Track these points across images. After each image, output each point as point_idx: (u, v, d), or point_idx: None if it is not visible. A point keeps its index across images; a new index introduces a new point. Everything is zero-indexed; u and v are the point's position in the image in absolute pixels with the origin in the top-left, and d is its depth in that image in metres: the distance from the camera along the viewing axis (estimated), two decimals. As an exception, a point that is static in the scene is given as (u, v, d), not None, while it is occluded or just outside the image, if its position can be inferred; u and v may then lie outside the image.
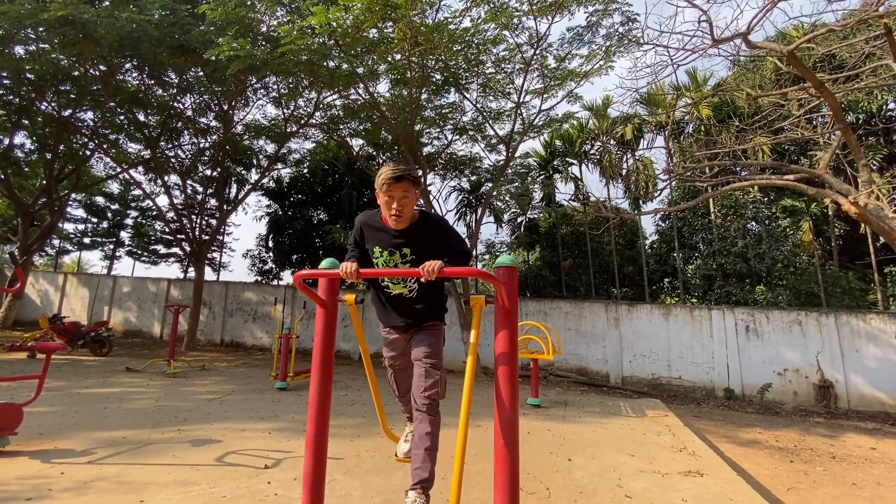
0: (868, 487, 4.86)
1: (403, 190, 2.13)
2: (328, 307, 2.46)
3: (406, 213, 2.18)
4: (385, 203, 2.19)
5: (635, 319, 11.75)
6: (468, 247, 2.39)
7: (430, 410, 2.18)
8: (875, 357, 9.91)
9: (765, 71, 13.34)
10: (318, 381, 2.41)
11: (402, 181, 2.12)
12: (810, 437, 7.08)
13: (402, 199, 2.14)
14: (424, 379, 2.23)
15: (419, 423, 2.19)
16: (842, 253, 15.28)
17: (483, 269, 2.10)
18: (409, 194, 2.14)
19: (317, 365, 2.43)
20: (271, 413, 5.65)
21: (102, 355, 10.17)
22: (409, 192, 2.14)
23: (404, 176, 2.11)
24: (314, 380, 2.42)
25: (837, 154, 10.05)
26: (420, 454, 2.12)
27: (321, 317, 2.46)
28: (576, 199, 16.53)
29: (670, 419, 6.70)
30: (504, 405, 2.08)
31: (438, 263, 1.94)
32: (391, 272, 2.16)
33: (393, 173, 2.11)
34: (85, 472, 3.34)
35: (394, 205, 2.15)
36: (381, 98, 11.60)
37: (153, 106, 12.76)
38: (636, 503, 3.21)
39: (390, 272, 2.16)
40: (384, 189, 2.14)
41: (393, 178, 2.11)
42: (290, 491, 3.15)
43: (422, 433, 2.16)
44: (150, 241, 19.21)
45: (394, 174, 2.11)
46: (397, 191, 2.13)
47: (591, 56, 10.73)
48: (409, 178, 2.13)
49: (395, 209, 2.15)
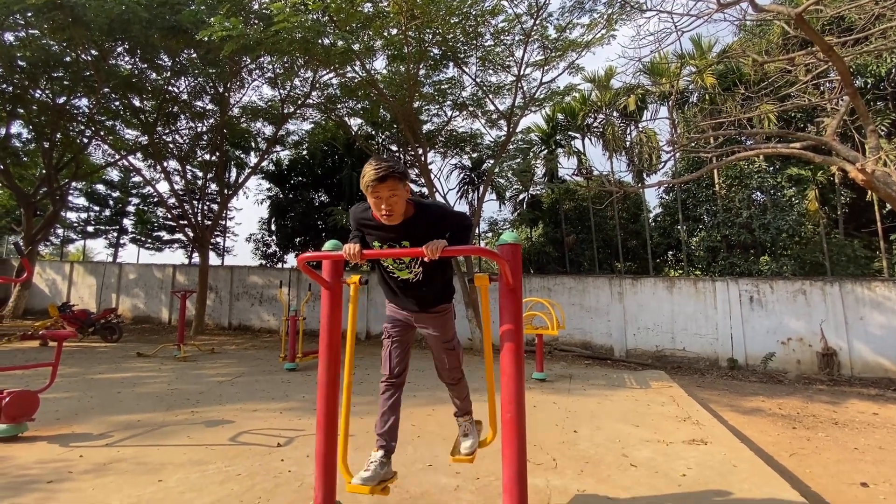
0: (870, 452, 4.94)
1: (390, 189, 2.01)
2: (333, 289, 2.48)
3: (397, 211, 2.08)
4: (374, 204, 2.10)
5: (639, 293, 11.78)
6: (470, 221, 2.34)
7: (457, 384, 2.60)
8: (879, 324, 9.93)
9: (771, 36, 12.95)
10: (326, 362, 2.44)
11: (387, 180, 1.99)
12: (813, 405, 7.17)
13: (390, 199, 2.03)
14: (445, 361, 2.49)
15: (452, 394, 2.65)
16: (847, 221, 15.14)
17: (486, 247, 2.09)
18: (396, 192, 2.03)
19: (324, 346, 2.46)
20: (282, 393, 5.76)
21: (113, 341, 10.33)
22: (396, 190, 2.03)
23: (388, 175, 1.98)
24: (322, 360, 2.46)
25: (845, 120, 9.86)
26: (459, 403, 2.64)
27: (326, 298, 2.48)
28: (579, 174, 16.36)
29: (674, 390, 6.79)
30: (510, 380, 2.11)
31: (442, 242, 1.93)
32: (395, 252, 2.12)
33: (376, 174, 1.98)
34: (103, 454, 3.44)
35: (382, 205, 2.05)
36: (378, 75, 11.38)
37: (148, 90, 12.59)
38: (641, 471, 3.28)
39: (394, 252, 2.13)
40: (369, 191, 2.04)
41: (376, 179, 1.98)
42: (303, 468, 3.23)
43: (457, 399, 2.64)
44: (153, 228, 19.23)
45: (377, 174, 1.98)
46: (383, 191, 2.02)
47: (592, 25, 10.45)
48: (394, 174, 2.00)
49: (385, 210, 2.06)
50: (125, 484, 2.92)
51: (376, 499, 2.76)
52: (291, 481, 3.00)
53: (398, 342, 2.44)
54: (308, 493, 2.82)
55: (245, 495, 2.79)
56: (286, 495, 2.80)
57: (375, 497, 2.75)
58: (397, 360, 2.40)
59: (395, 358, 2.40)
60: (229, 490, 2.85)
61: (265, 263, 18.15)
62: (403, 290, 2.37)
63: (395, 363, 2.40)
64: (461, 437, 2.60)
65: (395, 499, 2.77)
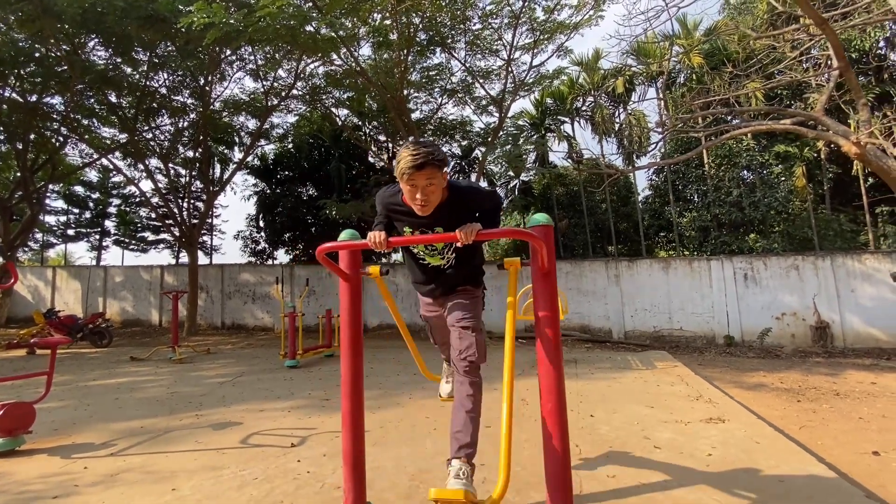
0: (874, 420, 5.00)
1: (428, 177, 1.83)
2: (352, 280, 2.35)
3: (434, 201, 1.91)
4: (408, 192, 1.91)
5: (636, 275, 11.83)
6: (500, 199, 2.23)
7: (470, 372, 2.05)
8: (870, 296, 10.13)
9: (758, 12, 12.96)
10: (349, 357, 2.32)
11: (426, 168, 1.81)
12: (812, 377, 7.27)
13: (426, 188, 1.85)
14: (460, 341, 2.10)
15: (459, 385, 2.08)
16: (833, 196, 15.39)
17: (521, 229, 1.97)
18: (434, 180, 1.85)
19: (346, 340, 2.34)
20: (287, 391, 5.63)
21: (104, 346, 10.05)
22: (434, 178, 1.84)
23: (427, 162, 1.80)
24: (345, 356, 2.34)
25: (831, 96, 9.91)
26: (461, 417, 1.98)
27: (346, 291, 2.35)
28: (569, 158, 16.31)
29: (680, 369, 6.82)
30: (549, 370, 2.02)
31: (476, 226, 1.81)
32: (425, 239, 1.99)
33: (414, 160, 1.80)
34: (108, 464, 3.28)
35: (417, 195, 1.87)
36: (365, 63, 11.11)
37: (124, 86, 12.12)
38: (666, 453, 3.24)
39: (424, 239, 1.99)
40: (405, 178, 1.85)
41: (414, 167, 1.80)
42: (321, 467, 3.12)
43: (462, 396, 2.04)
44: (136, 229, 18.73)
45: (415, 161, 1.79)
46: (420, 179, 1.83)
47: (580, 6, 10.31)
48: (434, 161, 1.81)
49: (420, 200, 1.88)
50: (136, 495, 2.78)
51: (409, 496, 2.67)
52: (312, 483, 2.89)
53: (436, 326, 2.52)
54: (331, 494, 2.72)
55: (265, 500, 2.67)
56: (309, 497, 2.69)
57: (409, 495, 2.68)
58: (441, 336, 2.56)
59: (438, 336, 2.61)
60: (248, 496, 2.73)
61: (255, 261, 17.83)
62: (434, 277, 2.25)
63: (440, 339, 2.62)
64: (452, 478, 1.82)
65: (423, 494, 2.69)
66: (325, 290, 13.63)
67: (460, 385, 2.08)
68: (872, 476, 3.24)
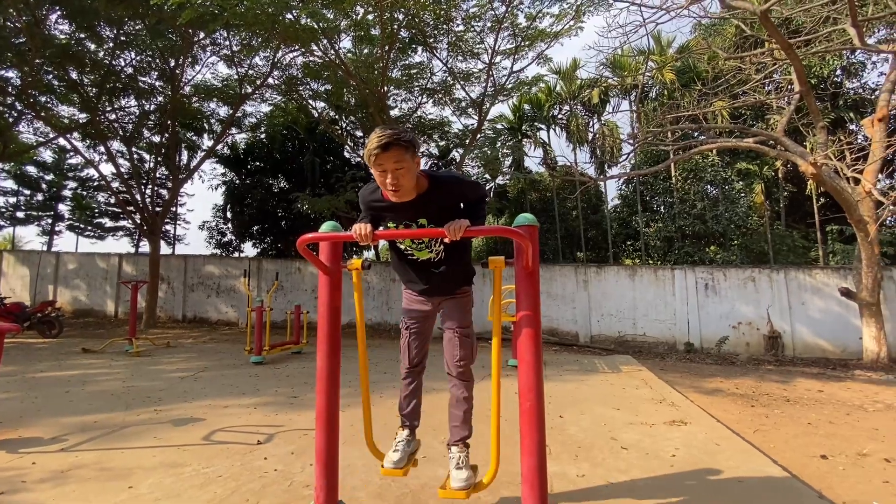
0: (822, 426, 5.28)
1: (395, 159, 1.81)
2: (332, 274, 2.30)
3: (405, 185, 1.88)
4: (378, 178, 1.90)
5: (603, 281, 12.13)
6: (485, 191, 2.23)
7: (463, 376, 2.26)
8: (819, 308, 10.75)
9: (727, 34, 13.57)
10: (325, 353, 2.27)
11: (391, 149, 1.79)
12: (765, 384, 7.63)
13: (396, 171, 1.84)
14: (458, 349, 2.23)
15: (454, 388, 2.27)
16: (788, 213, 16.29)
17: (508, 227, 1.98)
18: (403, 163, 1.83)
19: (323, 336, 2.28)
20: (252, 388, 5.46)
21: (53, 337, 9.49)
22: (402, 160, 1.82)
23: (391, 142, 1.78)
24: (321, 352, 2.28)
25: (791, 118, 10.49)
26: (458, 415, 2.26)
27: (325, 285, 2.30)
28: (544, 165, 16.59)
29: (644, 373, 7.03)
30: (529, 368, 2.04)
31: (464, 222, 1.80)
32: (412, 233, 1.97)
33: (379, 140, 1.78)
34: (59, 460, 3.09)
35: (388, 179, 1.85)
36: (345, 56, 10.94)
37: (87, 63, 11.48)
38: (633, 454, 3.33)
39: (411, 233, 1.98)
40: (372, 161, 1.83)
41: (379, 147, 1.78)
42: (289, 465, 3.04)
43: (458, 398, 2.26)
44: (93, 215, 17.79)
45: (380, 142, 1.77)
46: (388, 161, 1.81)
47: (561, 16, 10.50)
48: (400, 143, 1.79)
49: (391, 184, 1.86)
50: (90, 492, 2.63)
51: (380, 496, 2.64)
52: (280, 481, 2.81)
53: (417, 334, 2.31)
54: (300, 492, 2.65)
55: (230, 498, 2.58)
56: (277, 496, 2.61)
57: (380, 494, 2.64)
58: (416, 351, 2.31)
59: (415, 349, 2.31)
60: (212, 494, 2.63)
61: (221, 253, 17.27)
62: (425, 272, 2.22)
63: (414, 355, 2.31)
64: (453, 469, 2.15)
65: (396, 493, 2.66)
66: (294, 285, 13.34)
67: (455, 388, 2.28)
68: (821, 478, 3.42)
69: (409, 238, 2.11)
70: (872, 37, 11.46)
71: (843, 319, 10.46)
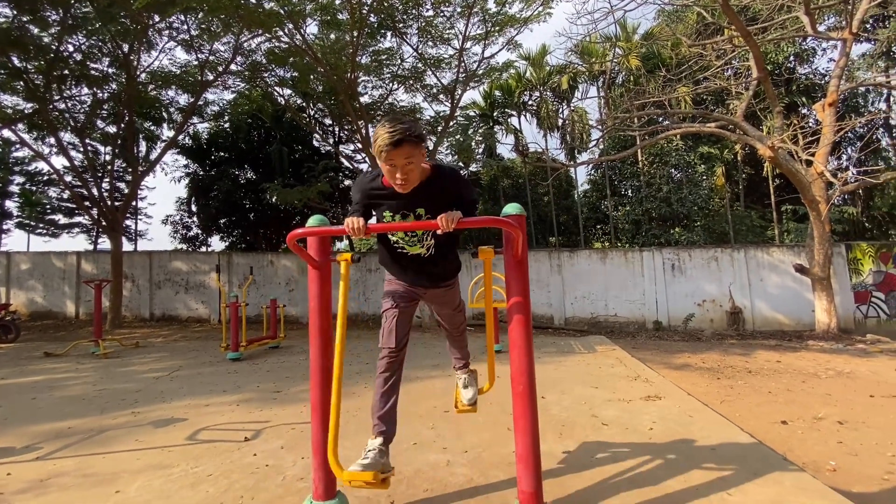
0: (781, 394, 5.66)
1: (406, 155, 1.81)
2: (321, 268, 2.30)
3: (413, 179, 1.90)
4: (388, 172, 1.90)
5: (576, 264, 12.44)
6: (477, 195, 2.30)
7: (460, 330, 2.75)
8: (775, 284, 11.39)
9: (689, 21, 13.94)
10: (317, 348, 2.28)
11: (403, 145, 1.78)
12: (729, 357, 8.08)
13: (406, 167, 1.84)
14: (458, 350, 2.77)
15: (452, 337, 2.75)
16: (746, 195, 17.06)
17: (498, 217, 2.02)
18: (413, 158, 1.83)
19: (315, 330, 2.29)
20: (232, 385, 5.37)
21: (9, 342, 9.00)
22: (412, 156, 1.83)
23: (404, 139, 1.77)
24: (314, 346, 2.29)
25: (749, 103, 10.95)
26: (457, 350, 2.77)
27: (315, 279, 2.30)
28: (516, 151, 16.72)
29: (618, 352, 7.31)
30: (521, 352, 2.11)
31: (457, 214, 1.83)
32: (403, 226, 1.97)
33: (391, 137, 1.76)
34: (36, 469, 2.98)
35: (397, 174, 1.86)
36: (312, 42, 10.63)
37: (30, 49, 10.71)
38: (613, 429, 3.49)
39: (402, 226, 1.98)
40: (383, 157, 1.82)
41: (391, 144, 1.77)
42: (280, 460, 3.04)
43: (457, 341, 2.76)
44: (45, 211, 16.79)
45: (391, 138, 1.76)
46: (398, 158, 1.81)
47: (530, 1, 10.53)
48: (411, 139, 1.79)
49: (400, 178, 1.87)
50: (75, 499, 2.56)
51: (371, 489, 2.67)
52: (273, 475, 2.81)
53: (403, 313, 2.22)
54: (294, 485, 2.66)
55: (224, 496, 2.56)
56: (271, 490, 2.62)
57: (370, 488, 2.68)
58: (403, 330, 2.19)
59: (401, 328, 2.17)
60: (204, 493, 2.61)
61: (188, 247, 16.67)
62: (414, 266, 2.23)
63: (403, 334, 2.18)
64: (462, 389, 2.70)
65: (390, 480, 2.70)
66: (267, 279, 13.07)
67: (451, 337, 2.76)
68: (783, 442, 3.69)
69: (403, 231, 2.11)
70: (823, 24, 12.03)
71: (798, 294, 11.14)
